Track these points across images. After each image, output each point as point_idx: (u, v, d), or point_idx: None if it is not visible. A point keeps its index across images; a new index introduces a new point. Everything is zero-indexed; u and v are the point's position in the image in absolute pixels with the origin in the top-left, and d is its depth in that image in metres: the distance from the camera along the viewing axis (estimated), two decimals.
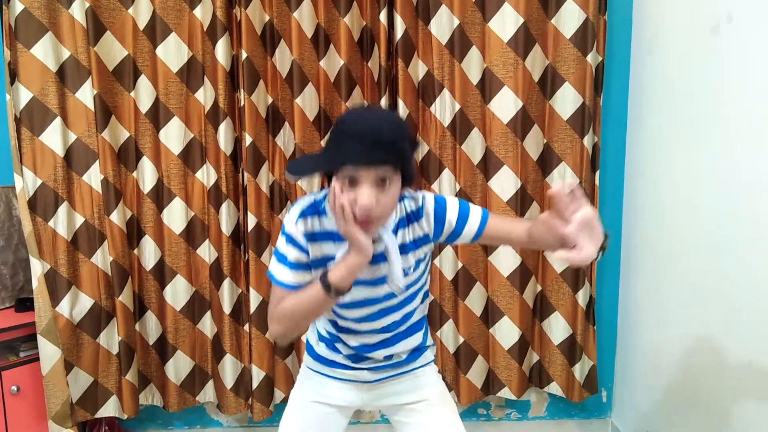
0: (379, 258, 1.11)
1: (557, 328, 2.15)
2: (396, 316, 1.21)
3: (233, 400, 2.13)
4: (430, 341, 1.35)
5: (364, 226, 1.01)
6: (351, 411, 1.36)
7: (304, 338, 1.49)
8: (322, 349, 1.29)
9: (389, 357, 1.26)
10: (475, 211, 1.16)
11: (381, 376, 1.28)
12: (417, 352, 1.30)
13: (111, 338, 2.08)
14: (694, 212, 1.71)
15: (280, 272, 1.11)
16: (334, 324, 1.24)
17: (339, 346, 1.26)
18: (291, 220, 1.11)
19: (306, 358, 1.35)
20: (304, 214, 1.11)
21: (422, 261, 1.19)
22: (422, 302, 1.28)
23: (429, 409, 1.29)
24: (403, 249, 1.13)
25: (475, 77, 2.03)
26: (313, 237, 1.11)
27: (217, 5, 1.93)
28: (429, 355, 1.35)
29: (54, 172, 1.96)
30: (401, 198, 1.15)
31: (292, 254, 1.10)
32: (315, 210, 1.12)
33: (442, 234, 1.16)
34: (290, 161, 2.04)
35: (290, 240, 1.11)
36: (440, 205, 1.15)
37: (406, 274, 1.14)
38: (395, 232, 1.12)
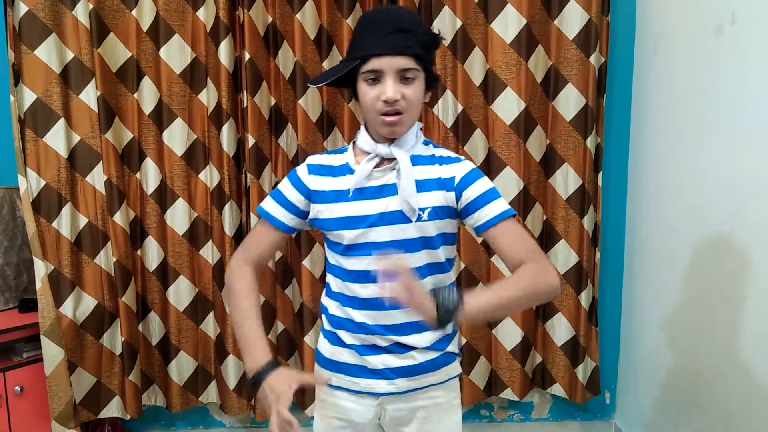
0: (390, 189, 1.06)
1: (560, 330, 2.15)
2: None
3: (236, 400, 2.13)
4: (454, 348, 1.15)
5: (391, 122, 1.01)
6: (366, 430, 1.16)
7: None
8: (325, 347, 1.16)
9: (400, 348, 1.08)
10: (500, 203, 1.04)
11: (393, 388, 1.10)
12: (438, 358, 1.11)
13: (114, 339, 2.08)
14: (698, 213, 1.70)
15: (266, 202, 1.14)
16: (341, 296, 1.11)
17: (342, 334, 1.11)
18: (304, 163, 1.14)
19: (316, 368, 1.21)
20: (323, 154, 1.16)
21: (439, 215, 1.06)
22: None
23: None
24: (423, 185, 1.05)
25: (477, 78, 2.03)
26: (320, 170, 1.11)
27: (220, 7, 1.93)
28: (454, 367, 1.14)
29: (57, 173, 1.97)
30: (433, 144, 1.14)
31: (284, 188, 1.13)
32: (335, 151, 1.16)
33: (461, 197, 1.06)
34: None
35: (291, 177, 1.13)
36: (474, 170, 1.08)
37: (419, 217, 1.04)
38: (420, 163, 1.08)
